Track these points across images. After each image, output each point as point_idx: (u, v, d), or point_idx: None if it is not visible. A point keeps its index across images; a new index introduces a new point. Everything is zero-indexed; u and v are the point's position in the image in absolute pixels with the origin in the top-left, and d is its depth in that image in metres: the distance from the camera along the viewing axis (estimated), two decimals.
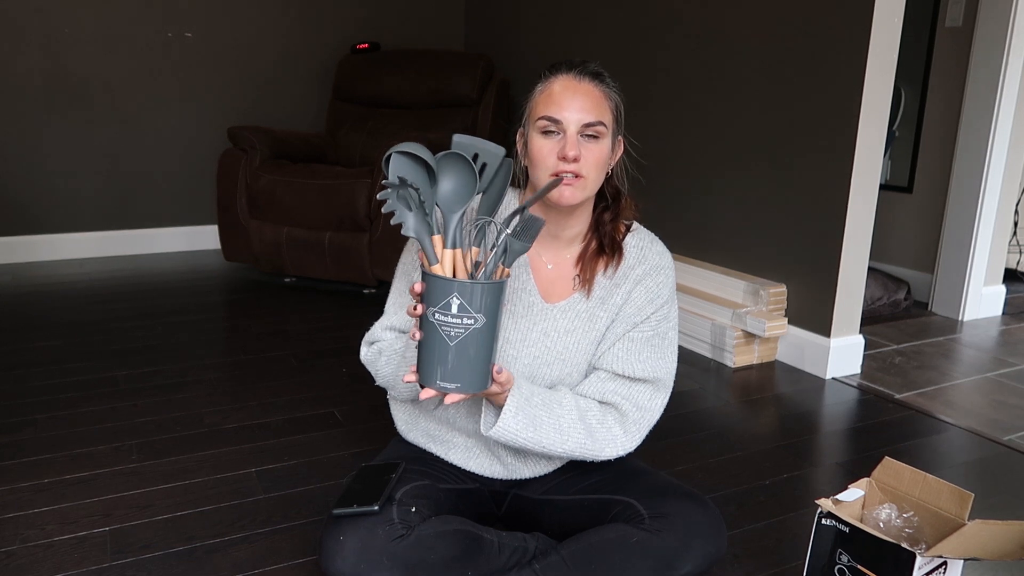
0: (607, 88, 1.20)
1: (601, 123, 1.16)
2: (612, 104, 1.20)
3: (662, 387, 1.27)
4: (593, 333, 1.26)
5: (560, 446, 1.19)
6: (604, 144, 1.17)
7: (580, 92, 1.16)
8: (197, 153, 3.69)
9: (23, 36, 3.28)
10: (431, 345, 1.01)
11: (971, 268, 3.00)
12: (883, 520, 1.25)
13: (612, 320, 1.26)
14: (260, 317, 2.77)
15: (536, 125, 1.17)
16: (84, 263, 3.47)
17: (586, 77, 1.18)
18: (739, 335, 2.44)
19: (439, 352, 1.01)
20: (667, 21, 2.86)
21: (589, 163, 1.15)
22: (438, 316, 0.99)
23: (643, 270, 1.26)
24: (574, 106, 1.15)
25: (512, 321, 1.24)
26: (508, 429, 1.16)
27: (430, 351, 1.01)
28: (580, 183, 1.15)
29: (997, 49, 2.82)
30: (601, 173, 1.19)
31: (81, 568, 1.32)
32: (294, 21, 3.82)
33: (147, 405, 1.99)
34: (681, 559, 1.17)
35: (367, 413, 1.97)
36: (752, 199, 2.59)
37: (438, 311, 0.99)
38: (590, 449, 1.22)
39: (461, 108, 3.60)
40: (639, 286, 1.25)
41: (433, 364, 1.01)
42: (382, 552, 1.11)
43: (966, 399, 2.24)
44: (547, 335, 1.25)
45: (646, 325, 1.25)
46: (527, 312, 1.25)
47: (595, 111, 1.16)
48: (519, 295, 1.25)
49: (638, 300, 1.25)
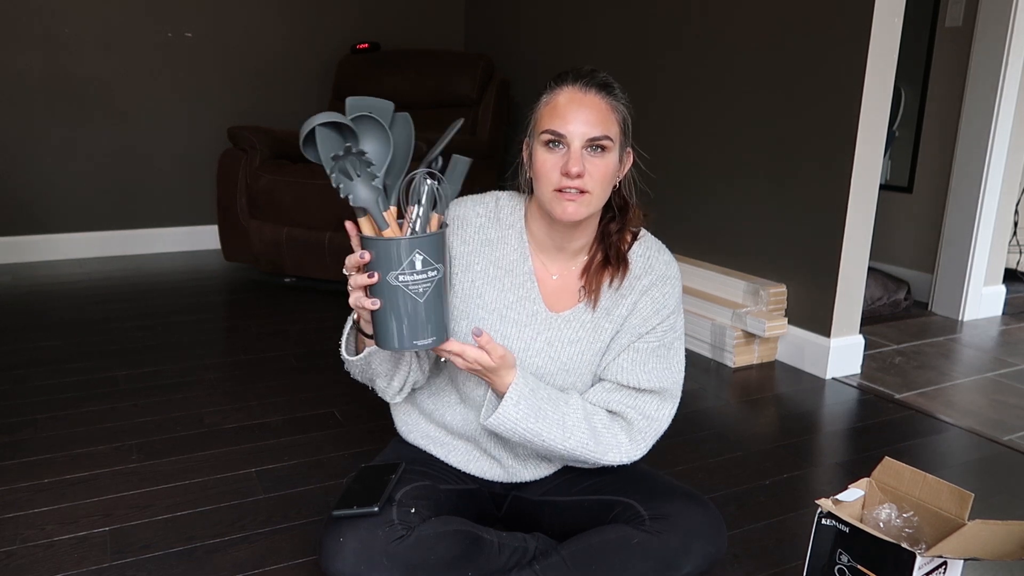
0: (614, 100, 1.15)
1: (607, 137, 1.12)
2: (619, 116, 1.15)
3: (669, 397, 1.26)
4: (598, 344, 1.24)
5: (562, 443, 1.19)
6: (610, 158, 1.14)
7: (585, 105, 1.12)
8: (197, 153, 3.70)
9: (23, 36, 3.28)
10: (398, 309, 1.01)
11: (971, 268, 3.00)
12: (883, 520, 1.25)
13: (617, 331, 1.24)
14: (260, 317, 2.77)
15: (540, 138, 1.14)
16: (84, 263, 3.47)
17: (592, 88, 1.13)
18: (739, 335, 2.44)
19: (409, 312, 1.01)
20: (667, 21, 2.86)
21: (594, 178, 1.12)
22: (402, 278, 0.99)
23: (649, 280, 1.24)
24: (579, 119, 1.11)
25: (516, 330, 1.23)
26: (508, 417, 1.15)
27: (398, 315, 1.01)
28: (584, 199, 1.12)
29: (997, 49, 2.82)
30: (607, 187, 1.16)
31: (81, 568, 1.32)
32: (294, 21, 3.82)
33: (147, 405, 1.99)
34: (681, 560, 1.17)
35: (367, 413, 1.97)
36: (752, 199, 2.59)
37: (401, 272, 0.99)
38: (593, 451, 1.21)
39: (461, 108, 3.60)
40: (645, 296, 1.24)
41: (403, 326, 1.02)
42: (382, 553, 1.11)
43: (966, 399, 2.24)
44: (551, 345, 1.24)
45: (652, 336, 1.24)
46: (531, 321, 1.23)
47: (600, 125, 1.12)
48: (523, 304, 1.23)
49: (644, 311, 1.24)
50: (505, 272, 1.23)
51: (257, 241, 3.13)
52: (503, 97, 3.59)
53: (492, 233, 1.24)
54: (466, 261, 1.23)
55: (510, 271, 1.23)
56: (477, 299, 1.23)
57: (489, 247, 1.24)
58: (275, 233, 3.08)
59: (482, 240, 1.24)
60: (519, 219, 1.25)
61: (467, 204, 1.26)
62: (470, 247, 1.23)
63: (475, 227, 1.24)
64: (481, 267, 1.23)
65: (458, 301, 1.23)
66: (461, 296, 1.23)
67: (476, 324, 1.22)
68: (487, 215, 1.25)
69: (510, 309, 1.23)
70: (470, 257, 1.23)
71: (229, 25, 3.68)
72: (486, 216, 1.25)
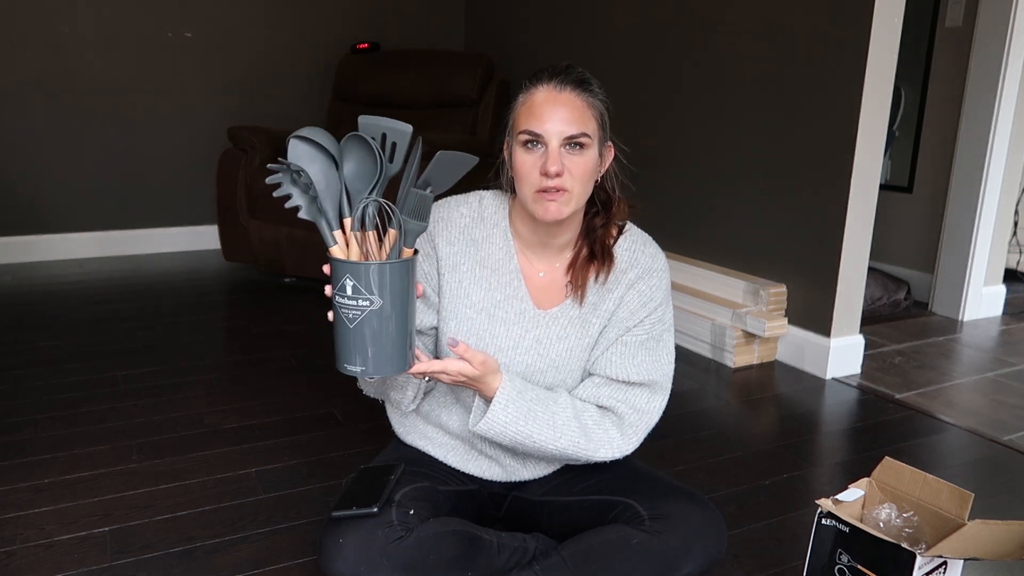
0: (591, 96, 1.14)
1: (584, 134, 1.12)
2: (596, 112, 1.14)
3: (659, 389, 1.26)
4: (586, 339, 1.25)
5: (553, 443, 1.19)
6: (589, 155, 1.14)
7: (561, 103, 1.11)
8: (197, 153, 3.70)
9: (23, 36, 3.28)
10: (336, 328, 1.02)
11: (971, 268, 3.00)
12: (883, 520, 1.25)
13: (605, 325, 1.25)
14: (260, 317, 2.77)
15: (518, 139, 1.13)
16: (84, 263, 3.48)
17: (568, 86, 1.13)
18: (739, 335, 2.44)
19: (342, 335, 1.01)
20: (667, 21, 2.86)
21: (574, 176, 1.12)
22: (337, 298, 1.00)
23: (635, 274, 1.24)
24: (555, 118, 1.10)
25: (504, 328, 1.23)
26: (498, 421, 1.16)
27: (336, 334, 1.02)
28: (564, 197, 1.13)
29: (997, 49, 2.82)
30: (588, 184, 1.16)
31: (81, 568, 1.32)
32: (294, 21, 3.82)
33: (147, 405, 1.99)
34: (681, 560, 1.17)
35: (367, 413, 1.97)
36: (752, 199, 2.59)
37: (336, 293, 1.00)
38: (584, 448, 1.21)
39: (461, 108, 3.60)
40: (631, 290, 1.24)
41: (338, 347, 1.02)
42: (382, 554, 1.11)
43: (966, 399, 2.24)
44: (539, 342, 1.24)
45: (640, 329, 1.24)
46: (519, 319, 1.24)
47: (577, 123, 1.11)
48: (511, 302, 1.24)
49: (631, 304, 1.24)
50: (491, 271, 1.24)
51: (257, 241, 3.13)
52: (503, 97, 3.58)
53: (477, 233, 1.25)
54: (452, 262, 1.23)
55: (496, 270, 1.24)
56: (464, 299, 1.23)
57: (475, 247, 1.24)
58: (275, 233, 3.08)
59: (468, 240, 1.24)
60: (503, 218, 1.26)
61: (451, 205, 1.26)
62: (456, 247, 1.24)
63: (460, 227, 1.24)
64: (468, 267, 1.23)
65: (446, 301, 1.24)
66: (449, 296, 1.24)
67: (464, 324, 1.23)
68: (471, 215, 1.25)
69: (498, 308, 1.23)
70: (456, 257, 1.23)
71: (229, 25, 3.68)
72: (470, 216, 1.25)
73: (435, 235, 1.24)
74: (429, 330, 1.27)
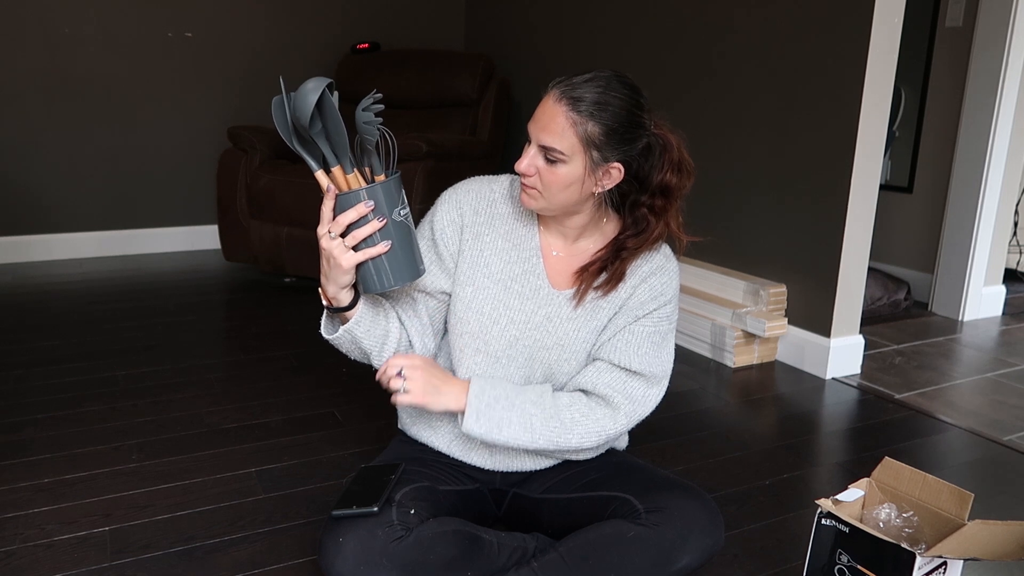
0: (578, 115, 1.14)
1: (556, 149, 1.14)
2: (580, 131, 1.14)
3: (656, 383, 1.29)
4: (595, 323, 1.28)
5: (531, 445, 1.23)
6: (562, 169, 1.16)
7: (548, 113, 1.15)
8: (197, 153, 3.70)
9: (23, 36, 3.28)
10: (408, 240, 1.14)
11: (971, 268, 3.00)
12: (883, 520, 1.25)
13: (616, 312, 1.28)
14: (260, 317, 2.77)
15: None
16: (84, 263, 3.48)
17: (563, 100, 1.15)
18: (739, 335, 2.44)
19: (414, 243, 1.15)
20: (667, 22, 2.86)
21: (543, 181, 1.18)
22: (402, 212, 1.12)
23: (648, 269, 1.28)
24: (539, 124, 1.16)
25: (519, 302, 1.27)
26: (472, 432, 1.22)
27: (409, 245, 1.14)
28: (534, 194, 1.20)
29: (997, 49, 2.82)
30: (561, 194, 1.18)
31: (81, 568, 1.32)
32: (294, 21, 3.82)
33: (147, 405, 1.99)
34: (679, 552, 1.17)
35: (367, 413, 1.97)
36: (752, 199, 2.59)
37: (401, 207, 1.12)
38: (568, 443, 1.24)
39: (461, 108, 3.59)
40: (644, 283, 1.27)
41: (412, 255, 1.15)
42: (381, 553, 1.11)
43: (966, 399, 2.24)
44: (550, 320, 1.27)
45: (648, 320, 1.27)
46: (534, 295, 1.27)
47: (553, 136, 1.14)
48: (528, 277, 1.28)
49: (642, 296, 1.27)
50: (513, 245, 1.29)
51: (257, 241, 3.13)
52: (503, 97, 3.58)
53: (504, 208, 1.31)
54: (477, 230, 1.29)
55: (518, 245, 1.29)
56: (484, 268, 1.28)
57: (500, 220, 1.30)
58: (275, 233, 3.09)
59: (494, 213, 1.30)
60: None
61: (482, 181, 1.33)
62: (482, 218, 1.29)
63: (488, 200, 1.31)
64: (491, 238, 1.29)
65: (465, 267, 1.29)
66: (469, 262, 1.29)
67: (480, 292, 1.27)
68: (501, 192, 1.32)
69: (514, 281, 1.28)
70: (481, 227, 1.29)
71: (229, 25, 3.68)
72: (500, 193, 1.32)
73: (463, 203, 1.30)
74: (439, 293, 1.31)
